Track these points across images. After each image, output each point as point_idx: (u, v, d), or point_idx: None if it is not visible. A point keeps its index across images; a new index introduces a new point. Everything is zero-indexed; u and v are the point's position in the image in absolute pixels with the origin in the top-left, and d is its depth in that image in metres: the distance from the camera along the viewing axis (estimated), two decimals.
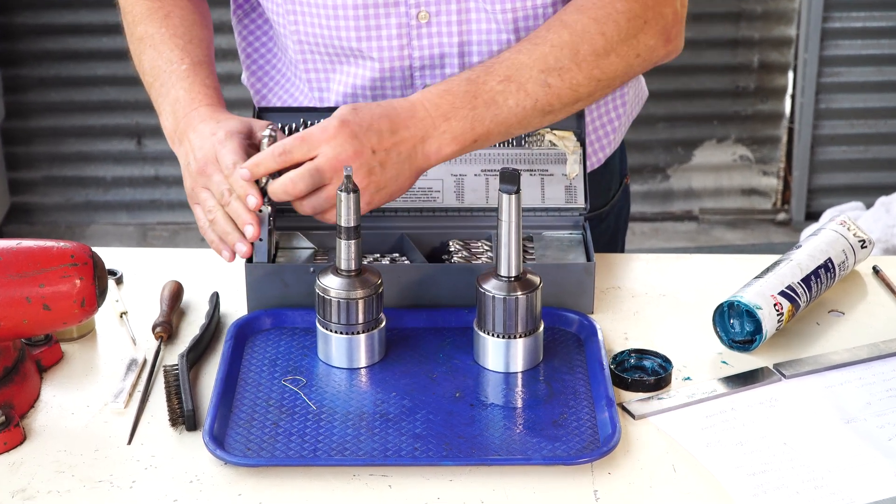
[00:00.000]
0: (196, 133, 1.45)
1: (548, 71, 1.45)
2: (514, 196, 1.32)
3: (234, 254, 1.41)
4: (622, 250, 1.87)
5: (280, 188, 1.38)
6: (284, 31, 1.61)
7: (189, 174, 1.44)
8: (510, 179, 1.32)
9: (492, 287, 1.37)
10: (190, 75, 1.53)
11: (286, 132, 1.60)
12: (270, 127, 1.43)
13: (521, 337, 1.38)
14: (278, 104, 1.72)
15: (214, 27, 1.68)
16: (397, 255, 1.55)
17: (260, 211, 1.40)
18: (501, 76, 1.44)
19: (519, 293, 1.36)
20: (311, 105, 1.66)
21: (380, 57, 1.57)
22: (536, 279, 1.38)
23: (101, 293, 1.38)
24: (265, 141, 1.41)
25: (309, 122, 1.59)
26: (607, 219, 1.80)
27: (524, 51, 1.46)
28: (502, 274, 1.36)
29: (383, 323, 1.41)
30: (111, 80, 4.10)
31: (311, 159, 1.38)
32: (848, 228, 1.58)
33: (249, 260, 1.47)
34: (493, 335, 1.38)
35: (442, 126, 1.42)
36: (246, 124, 1.45)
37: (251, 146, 1.44)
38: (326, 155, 1.37)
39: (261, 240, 1.44)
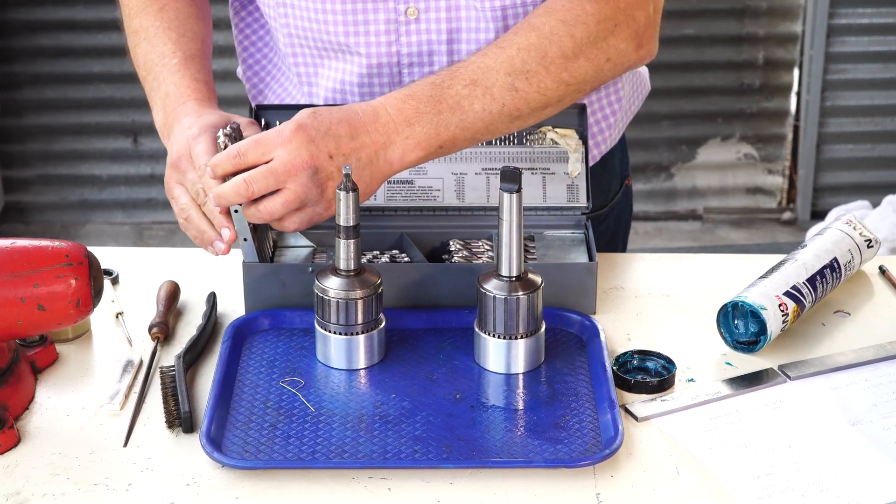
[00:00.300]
0: (179, 126, 1.45)
1: (514, 74, 1.43)
2: (515, 195, 1.32)
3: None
4: (623, 252, 1.87)
5: (231, 189, 1.36)
6: (275, 23, 1.61)
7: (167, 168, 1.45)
8: (511, 178, 1.32)
9: (493, 287, 1.37)
10: (181, 69, 1.53)
11: None
12: (231, 125, 1.43)
13: (522, 338, 1.38)
14: (273, 98, 1.72)
15: (214, 23, 1.68)
16: (397, 252, 1.55)
17: (236, 211, 1.40)
18: (467, 80, 1.42)
19: (520, 293, 1.36)
20: (304, 101, 1.66)
21: (367, 52, 1.57)
22: (538, 279, 1.38)
23: (97, 293, 1.38)
24: (220, 141, 1.41)
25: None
26: (606, 221, 1.79)
27: (490, 54, 1.44)
28: (503, 274, 1.37)
29: (383, 323, 1.42)
30: (107, 77, 4.11)
31: (267, 163, 1.36)
32: (854, 228, 1.58)
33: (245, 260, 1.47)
34: (493, 336, 1.38)
35: (405, 131, 1.40)
36: (226, 120, 1.45)
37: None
38: (281, 159, 1.35)
39: (245, 240, 1.44)
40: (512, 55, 1.44)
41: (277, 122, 1.61)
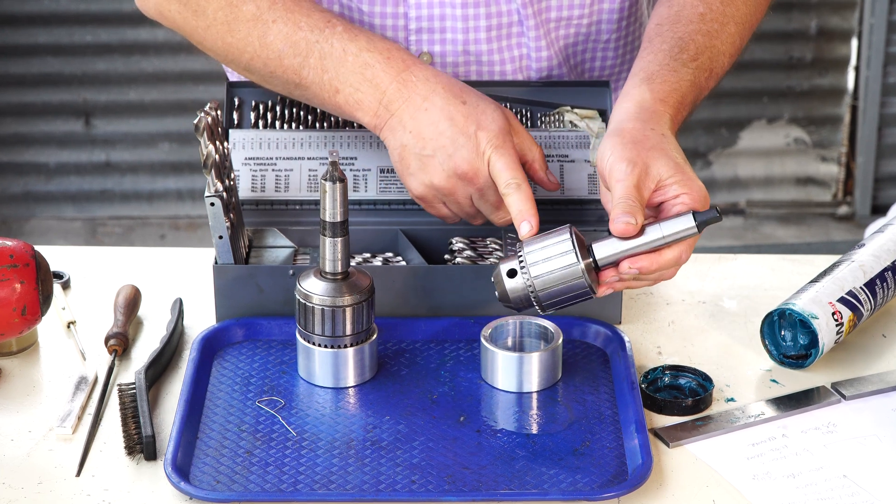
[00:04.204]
0: (455, 97, 1.43)
1: (734, 55, 1.55)
2: (696, 232, 1.32)
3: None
4: None
5: (664, 277, 1.37)
6: None
7: (447, 164, 1.42)
8: (712, 223, 1.32)
9: (580, 250, 1.33)
10: (355, 32, 1.47)
11: (259, 109, 1.61)
12: (210, 105, 1.44)
13: (532, 301, 1.35)
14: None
15: None
16: (391, 254, 1.56)
17: (212, 204, 1.41)
18: (707, 70, 1.50)
19: (589, 282, 1.33)
20: None
21: (370, 11, 1.58)
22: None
23: (45, 299, 1.39)
24: (200, 115, 1.42)
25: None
26: None
27: (714, 33, 1.52)
28: (595, 255, 1.34)
29: (375, 335, 1.42)
30: (54, 48, 4.11)
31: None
32: None
33: (216, 260, 1.48)
34: (525, 274, 1.34)
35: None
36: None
37: None
38: (694, 191, 1.35)
39: (220, 237, 1.44)
40: (732, 32, 1.54)
41: (253, 102, 1.62)
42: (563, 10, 1.62)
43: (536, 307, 1.35)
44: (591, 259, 1.34)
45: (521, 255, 1.34)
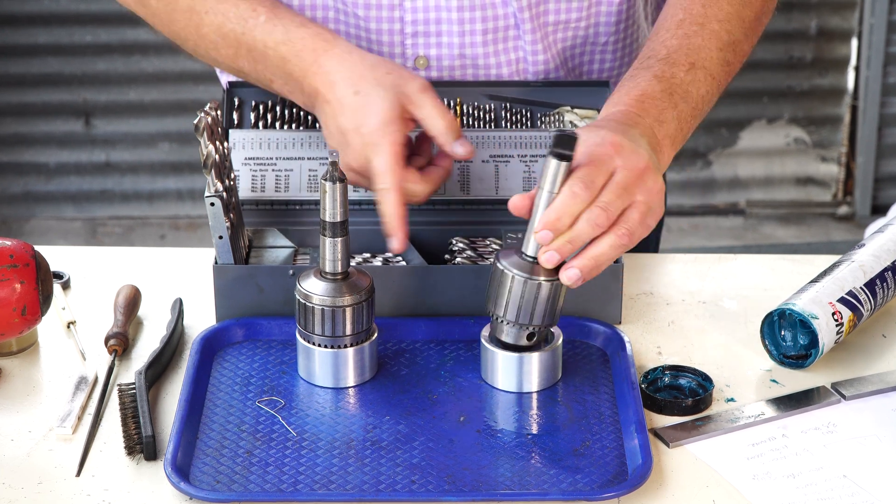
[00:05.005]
0: (354, 70, 1.42)
1: (725, 49, 1.52)
2: (564, 164, 1.30)
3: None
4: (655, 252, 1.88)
5: (588, 226, 1.28)
6: None
7: (344, 159, 1.43)
8: (565, 143, 1.29)
9: (512, 265, 1.34)
10: (274, 22, 1.48)
11: (259, 110, 1.61)
12: (209, 105, 1.44)
13: (535, 333, 1.36)
14: None
15: None
16: (391, 254, 1.56)
17: (212, 204, 1.41)
18: (685, 65, 1.47)
19: (542, 278, 1.33)
20: None
21: (365, 16, 1.58)
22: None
23: (45, 299, 1.39)
24: (200, 115, 1.42)
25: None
26: None
27: (691, 33, 1.50)
28: (528, 253, 1.34)
29: (375, 335, 1.42)
30: (54, 48, 4.11)
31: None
32: None
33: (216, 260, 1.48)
34: (503, 322, 1.36)
35: (660, 132, 1.41)
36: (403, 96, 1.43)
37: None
38: (626, 167, 1.31)
39: (220, 237, 1.45)
40: (716, 29, 1.51)
41: (253, 102, 1.62)
42: (561, 13, 1.62)
43: (532, 330, 1.35)
44: (525, 259, 1.33)
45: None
